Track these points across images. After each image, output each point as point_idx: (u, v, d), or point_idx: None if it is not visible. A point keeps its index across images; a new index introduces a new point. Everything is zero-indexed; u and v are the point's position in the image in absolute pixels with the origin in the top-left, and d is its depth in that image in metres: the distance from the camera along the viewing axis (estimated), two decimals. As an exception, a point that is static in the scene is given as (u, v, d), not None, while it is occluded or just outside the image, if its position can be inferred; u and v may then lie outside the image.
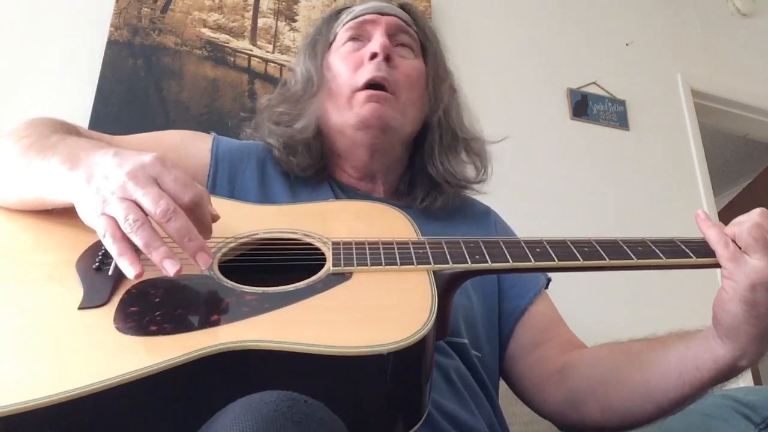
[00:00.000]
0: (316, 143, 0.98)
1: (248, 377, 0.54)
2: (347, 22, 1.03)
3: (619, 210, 2.14)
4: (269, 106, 1.03)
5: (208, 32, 1.82)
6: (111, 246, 0.59)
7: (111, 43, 1.69)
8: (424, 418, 0.60)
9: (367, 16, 1.01)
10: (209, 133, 1.02)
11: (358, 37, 1.01)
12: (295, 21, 1.95)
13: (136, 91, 1.67)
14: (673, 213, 2.22)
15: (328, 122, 0.98)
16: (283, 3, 1.95)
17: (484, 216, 1.08)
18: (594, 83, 2.31)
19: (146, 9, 1.77)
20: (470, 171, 1.05)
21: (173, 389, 0.53)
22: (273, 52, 1.87)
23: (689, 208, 2.28)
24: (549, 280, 1.04)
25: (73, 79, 1.64)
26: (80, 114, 1.58)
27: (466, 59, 2.25)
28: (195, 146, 0.96)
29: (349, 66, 0.97)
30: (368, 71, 0.94)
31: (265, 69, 1.84)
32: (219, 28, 1.84)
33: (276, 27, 1.91)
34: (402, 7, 1.07)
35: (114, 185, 0.60)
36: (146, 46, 1.73)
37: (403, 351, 0.55)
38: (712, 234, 0.71)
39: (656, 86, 2.46)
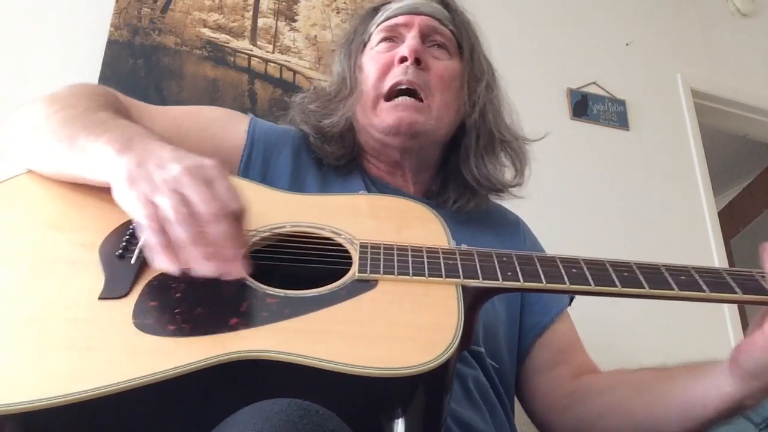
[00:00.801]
0: (348, 135, 0.97)
1: (262, 386, 0.53)
2: (381, 23, 1.00)
3: (619, 210, 2.14)
4: (302, 102, 1.01)
5: (208, 32, 1.82)
6: (152, 236, 0.58)
7: (111, 43, 1.69)
8: None
9: (401, 18, 0.98)
10: (246, 114, 1.00)
11: (392, 37, 0.98)
12: (295, 21, 1.95)
13: (136, 91, 1.67)
14: (673, 213, 2.22)
15: (358, 122, 0.97)
16: (283, 3, 1.95)
17: (514, 226, 1.06)
18: (594, 83, 2.31)
19: (146, 9, 1.77)
20: (507, 173, 1.02)
21: (187, 394, 0.52)
22: (273, 52, 1.87)
23: (689, 208, 2.28)
24: (573, 297, 1.00)
25: (73, 79, 1.63)
26: (80, 114, 1.59)
27: (466, 59, 2.25)
28: (232, 125, 0.95)
29: (378, 68, 0.95)
30: (395, 75, 0.93)
31: (265, 69, 1.84)
32: (219, 28, 1.84)
33: (276, 27, 1.91)
34: (441, 2, 1.03)
35: (168, 175, 0.59)
36: (146, 46, 1.73)
37: (424, 375, 0.53)
38: None
39: (656, 86, 2.46)
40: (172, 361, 0.51)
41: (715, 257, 2.20)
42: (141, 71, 1.70)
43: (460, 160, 0.99)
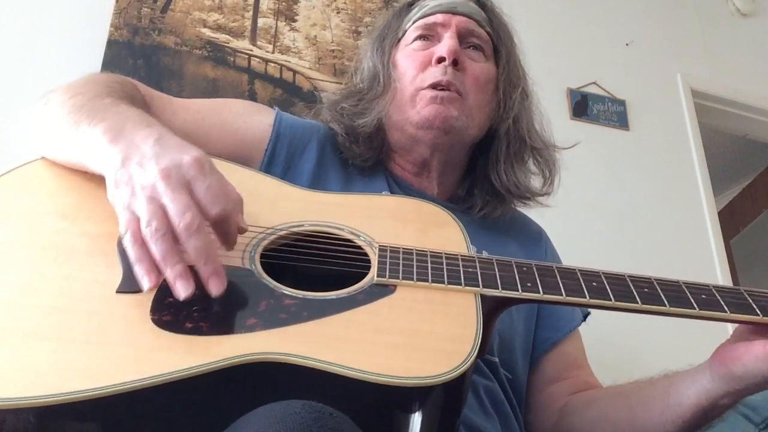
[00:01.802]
0: (377, 135, 0.95)
1: (277, 388, 0.53)
2: (417, 20, 0.99)
3: (619, 210, 2.14)
4: (335, 101, 1.00)
5: (208, 32, 1.82)
6: (130, 248, 0.56)
7: (111, 43, 1.69)
8: None
9: (439, 17, 0.97)
10: (272, 107, 0.99)
11: (428, 35, 0.97)
12: (295, 21, 1.95)
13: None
14: (673, 213, 2.22)
15: (390, 119, 0.95)
16: (283, 3, 1.95)
17: (536, 237, 1.05)
18: (594, 83, 2.31)
19: (146, 9, 1.77)
20: (536, 181, 1.01)
21: (201, 394, 0.52)
22: (273, 52, 1.87)
23: (689, 208, 2.28)
24: (587, 314, 1.00)
25: (73, 79, 1.64)
26: (80, 114, 1.59)
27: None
28: (256, 119, 0.94)
29: (415, 65, 0.94)
30: (433, 75, 0.91)
31: (265, 69, 1.84)
32: (219, 28, 1.84)
33: (276, 27, 1.91)
34: (476, 0, 1.02)
35: (145, 180, 0.58)
36: (146, 46, 1.73)
37: (441, 386, 0.52)
38: None
39: (656, 86, 2.46)
40: (189, 361, 0.51)
41: (715, 257, 2.20)
42: (141, 71, 1.70)
43: (489, 166, 0.98)
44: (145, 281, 0.55)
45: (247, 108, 0.96)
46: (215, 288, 0.56)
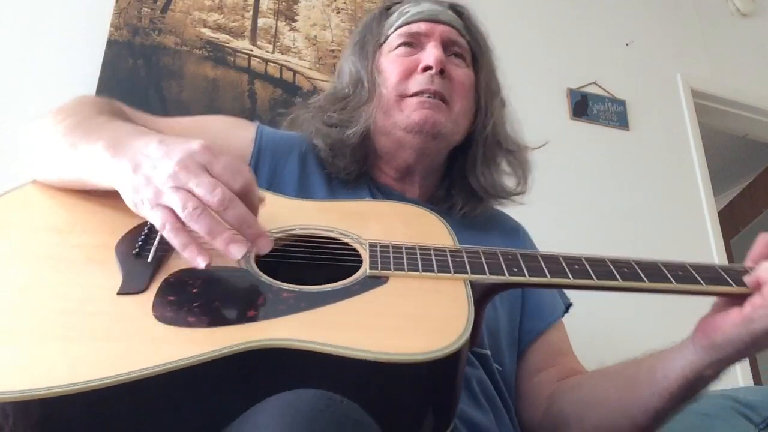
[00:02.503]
0: (361, 147, 0.96)
1: (281, 374, 0.54)
2: (400, 27, 1.01)
3: (619, 210, 2.14)
4: (320, 107, 1.01)
5: (208, 32, 1.82)
6: (174, 238, 0.59)
7: (111, 43, 1.69)
8: (451, 428, 0.60)
9: (422, 25, 0.99)
10: (253, 121, 1.01)
11: (411, 43, 0.99)
12: (295, 21, 1.95)
13: (136, 91, 1.67)
14: (673, 213, 2.22)
15: (376, 124, 0.96)
16: (283, 3, 1.95)
17: (516, 232, 1.09)
18: (594, 83, 2.31)
19: (146, 9, 1.77)
20: (510, 181, 1.04)
21: (207, 383, 0.53)
22: (273, 52, 1.87)
23: (689, 208, 2.28)
24: (569, 305, 1.04)
25: (73, 79, 1.64)
26: (80, 114, 1.59)
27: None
28: (238, 134, 0.95)
29: (400, 71, 0.96)
30: (420, 83, 0.94)
31: (265, 69, 1.84)
32: (219, 28, 1.84)
33: (276, 27, 1.91)
34: (454, 9, 1.05)
35: (164, 175, 0.60)
36: (146, 46, 1.73)
37: (439, 361, 0.54)
38: None
39: (656, 86, 2.46)
40: (194, 350, 0.52)
41: (715, 257, 2.20)
42: (141, 71, 1.70)
43: (466, 168, 1.01)
44: (200, 260, 0.59)
45: (228, 124, 0.99)
46: (264, 246, 0.62)
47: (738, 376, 2.04)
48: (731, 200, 3.79)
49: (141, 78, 1.69)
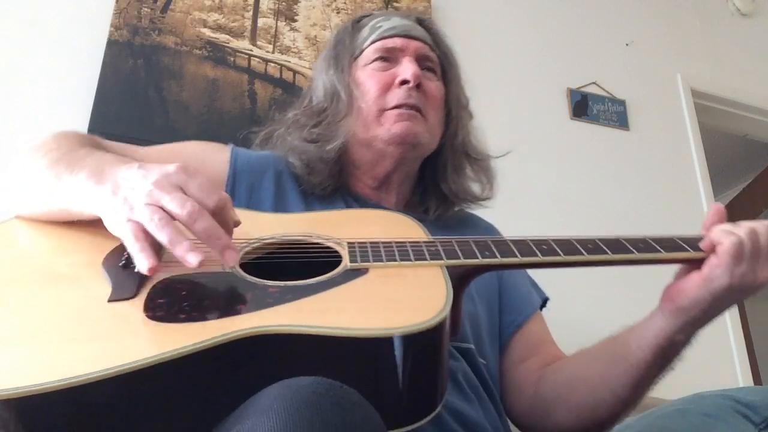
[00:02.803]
0: (338, 161, 1.00)
1: (275, 363, 0.56)
2: (375, 41, 1.04)
3: (619, 210, 2.14)
4: (296, 121, 1.04)
5: (208, 32, 1.82)
6: (133, 245, 0.61)
7: (111, 43, 1.69)
8: (439, 407, 0.62)
9: (397, 41, 1.03)
10: (225, 143, 1.03)
11: (387, 58, 1.03)
12: (295, 21, 1.95)
13: (136, 91, 1.67)
14: (673, 213, 2.22)
15: (356, 137, 1.00)
16: (283, 3, 1.95)
17: (490, 231, 1.13)
18: (594, 83, 2.31)
19: (146, 9, 1.77)
20: (476, 187, 1.10)
21: (203, 372, 0.54)
22: (273, 52, 1.87)
23: (689, 208, 2.28)
24: (546, 300, 1.08)
25: (73, 79, 1.64)
26: (80, 114, 1.58)
27: (465, 59, 2.25)
28: (213, 158, 0.98)
29: (378, 86, 1.00)
30: (398, 97, 0.98)
31: (265, 69, 1.84)
32: (219, 28, 1.84)
33: (276, 27, 1.91)
34: (422, 24, 1.09)
35: (141, 193, 0.63)
36: (146, 46, 1.73)
37: (420, 334, 0.57)
38: (727, 227, 0.75)
39: (656, 86, 2.46)
40: (189, 340, 0.54)
41: (715, 257, 2.20)
42: (141, 71, 1.70)
43: (438, 176, 1.07)
44: (144, 263, 0.60)
45: (203, 148, 1.02)
46: (232, 258, 0.63)
47: (738, 376, 2.04)
48: (731, 200, 3.79)
49: (141, 78, 1.69)
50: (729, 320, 2.13)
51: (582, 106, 2.26)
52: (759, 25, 2.85)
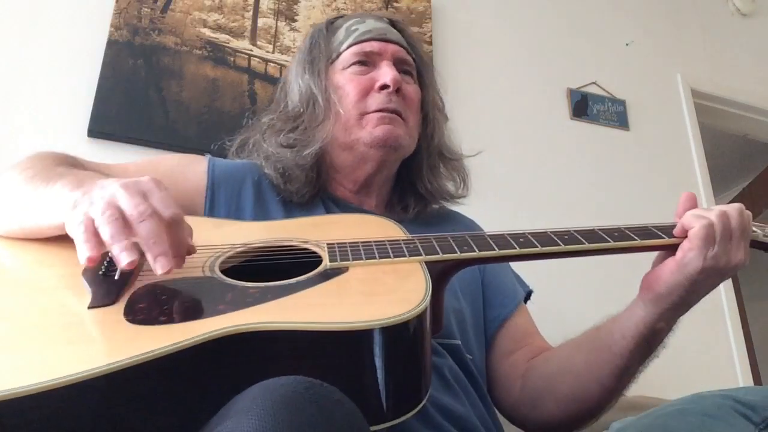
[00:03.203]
0: (314, 166, 1.00)
1: (255, 358, 0.56)
2: (352, 45, 1.04)
3: (619, 210, 2.14)
4: (271, 126, 1.04)
5: (208, 32, 1.82)
6: (80, 234, 0.61)
7: (111, 43, 1.69)
8: (425, 401, 0.62)
9: (375, 45, 1.04)
10: (203, 154, 1.04)
11: (365, 61, 1.04)
12: (295, 21, 1.95)
13: (136, 91, 1.67)
14: (673, 213, 2.21)
15: (336, 140, 1.00)
16: (283, 3, 1.95)
17: (471, 226, 1.14)
18: (594, 83, 2.31)
19: (146, 9, 1.77)
20: (451, 185, 1.11)
21: (184, 373, 0.54)
22: (273, 52, 1.87)
23: (689, 208, 2.28)
24: (530, 293, 1.10)
25: (73, 79, 1.64)
26: (80, 114, 1.58)
27: (465, 59, 2.25)
28: (191, 169, 0.99)
29: (357, 90, 1.00)
30: (379, 101, 0.99)
31: (265, 69, 1.84)
32: (219, 28, 1.84)
33: (276, 27, 1.91)
34: (395, 26, 1.10)
35: (105, 192, 0.63)
36: (146, 46, 1.73)
37: (401, 325, 0.57)
38: (698, 211, 0.78)
39: (656, 86, 2.46)
40: (169, 340, 0.53)
41: (715, 257, 2.20)
42: (141, 71, 1.70)
43: (413, 176, 1.08)
44: (86, 257, 0.60)
45: (180, 160, 1.03)
46: (161, 266, 0.61)
47: (738, 376, 2.04)
48: (731, 200, 3.79)
49: (141, 78, 1.69)
50: (729, 320, 2.13)
51: (582, 106, 2.26)
52: (759, 25, 2.85)
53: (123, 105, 1.64)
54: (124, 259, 0.59)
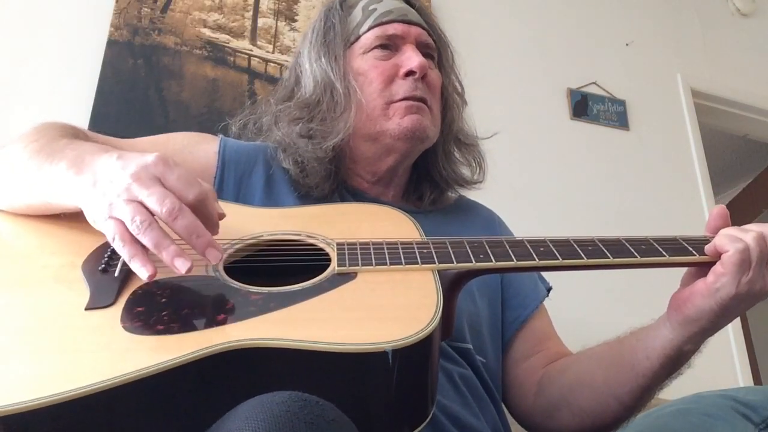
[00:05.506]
0: (333, 161, 0.94)
1: (255, 375, 0.54)
2: (372, 27, 0.98)
3: (619, 210, 2.14)
4: (287, 114, 0.97)
5: (208, 32, 1.82)
6: (121, 249, 0.59)
7: (111, 43, 1.69)
8: (429, 418, 0.60)
9: (397, 27, 0.97)
10: (215, 134, 1.00)
11: (387, 45, 0.97)
12: (295, 21, 1.95)
13: (136, 91, 1.67)
14: (673, 213, 2.22)
15: (359, 131, 0.95)
16: (283, 3, 1.95)
17: (490, 220, 1.10)
18: (594, 83, 2.31)
19: (146, 9, 1.77)
20: (466, 170, 1.07)
21: (180, 388, 0.52)
22: (273, 52, 1.87)
23: (689, 208, 2.28)
24: (549, 289, 1.05)
25: (73, 79, 1.64)
26: (80, 114, 1.58)
27: (465, 59, 2.25)
28: (201, 148, 0.95)
29: (382, 77, 0.95)
30: (405, 89, 0.93)
31: (265, 69, 1.84)
32: (219, 28, 1.84)
33: (276, 27, 1.91)
34: (412, 4, 1.03)
35: (119, 188, 0.60)
36: (146, 46, 1.73)
37: (407, 348, 0.55)
38: (733, 231, 0.71)
39: (656, 86, 2.46)
40: (164, 355, 0.52)
41: (715, 257, 2.20)
42: (141, 71, 1.70)
43: (429, 164, 1.04)
44: (143, 272, 0.58)
45: (191, 139, 0.98)
46: (214, 257, 0.60)
47: (738, 376, 2.04)
48: (731, 200, 3.79)
49: (141, 78, 1.69)
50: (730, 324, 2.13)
51: (582, 106, 2.26)
52: (759, 25, 2.85)
53: (123, 105, 1.64)
54: (182, 267, 0.58)
